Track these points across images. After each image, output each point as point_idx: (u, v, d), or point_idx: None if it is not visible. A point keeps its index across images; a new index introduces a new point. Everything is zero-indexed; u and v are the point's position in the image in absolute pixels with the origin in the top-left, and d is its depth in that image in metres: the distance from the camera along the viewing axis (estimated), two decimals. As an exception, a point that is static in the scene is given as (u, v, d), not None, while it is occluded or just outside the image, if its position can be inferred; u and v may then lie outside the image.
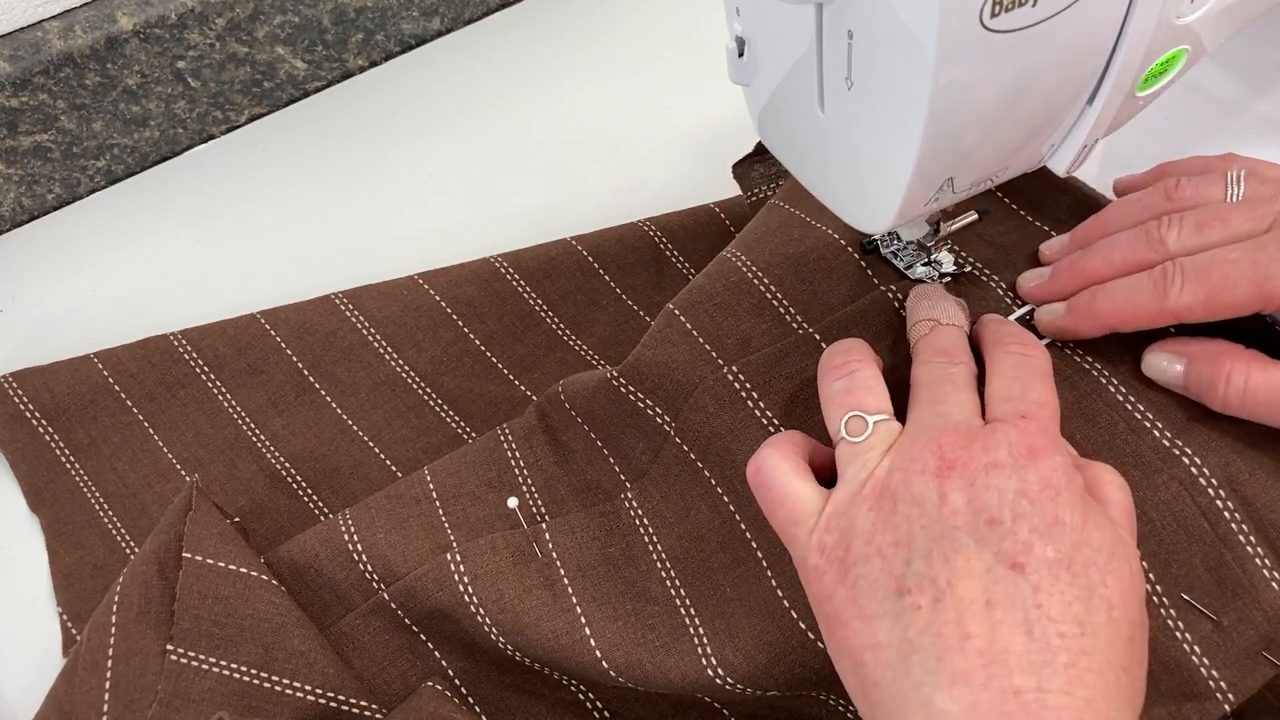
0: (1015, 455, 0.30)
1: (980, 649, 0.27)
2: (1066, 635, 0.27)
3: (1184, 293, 0.33)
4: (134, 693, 0.37)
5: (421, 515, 0.42)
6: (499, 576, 0.39)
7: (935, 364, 0.35)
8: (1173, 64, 0.33)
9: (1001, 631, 0.28)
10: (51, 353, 0.51)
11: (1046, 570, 0.28)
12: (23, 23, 0.55)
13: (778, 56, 0.34)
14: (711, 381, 0.40)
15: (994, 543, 0.29)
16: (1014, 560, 0.28)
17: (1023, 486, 0.29)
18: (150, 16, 0.56)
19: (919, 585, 0.29)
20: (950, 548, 0.29)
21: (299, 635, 0.39)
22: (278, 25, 0.60)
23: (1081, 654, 0.27)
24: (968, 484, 0.30)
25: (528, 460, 0.43)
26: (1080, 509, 0.29)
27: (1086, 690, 0.27)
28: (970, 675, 0.27)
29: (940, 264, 0.40)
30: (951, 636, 0.28)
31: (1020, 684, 0.27)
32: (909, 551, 0.30)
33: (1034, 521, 0.29)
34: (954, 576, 0.29)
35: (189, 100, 0.61)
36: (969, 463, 0.30)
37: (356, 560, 0.41)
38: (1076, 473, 0.30)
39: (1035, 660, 0.27)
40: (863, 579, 0.30)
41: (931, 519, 0.30)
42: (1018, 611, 0.28)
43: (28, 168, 0.58)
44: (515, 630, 0.38)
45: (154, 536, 0.40)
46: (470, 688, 0.40)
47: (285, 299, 0.52)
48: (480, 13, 0.68)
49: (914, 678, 0.28)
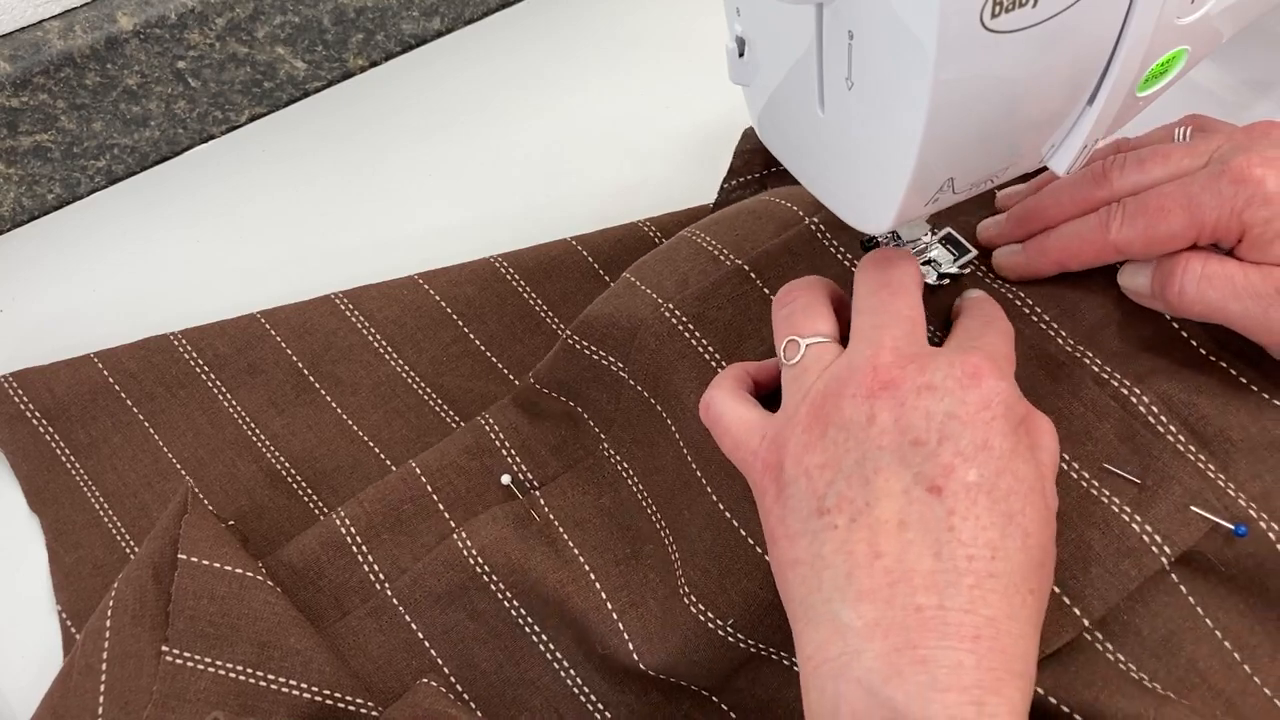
0: (954, 378, 0.30)
1: (888, 567, 0.29)
2: (975, 558, 0.28)
3: (1124, 226, 0.35)
4: (129, 695, 0.37)
5: (418, 508, 0.43)
6: (504, 542, 0.41)
7: (872, 271, 0.35)
8: (1173, 64, 0.33)
9: (910, 552, 0.28)
10: (51, 352, 0.51)
11: (964, 494, 0.29)
12: (23, 23, 0.55)
13: (778, 56, 0.34)
14: (652, 320, 0.42)
15: (915, 464, 0.29)
16: (932, 483, 0.29)
17: (954, 409, 0.30)
18: (150, 16, 0.56)
19: (838, 505, 0.30)
20: (872, 468, 0.30)
21: (295, 634, 0.39)
22: (278, 25, 0.60)
23: (988, 576, 0.28)
24: (897, 404, 0.30)
25: (508, 434, 0.45)
26: (1011, 437, 0.30)
27: (989, 609, 0.28)
28: (876, 592, 0.28)
29: (939, 264, 0.40)
30: (862, 555, 0.29)
31: (922, 601, 0.28)
32: (833, 473, 0.30)
33: (960, 444, 0.29)
34: (872, 497, 0.30)
35: (189, 100, 0.61)
36: (901, 383, 0.30)
37: (361, 561, 0.42)
38: (1019, 404, 0.31)
39: (940, 580, 0.28)
40: (791, 499, 0.31)
41: (858, 440, 0.30)
42: (929, 533, 0.29)
43: (28, 168, 0.58)
44: (525, 588, 0.40)
45: (149, 541, 0.41)
46: (466, 684, 0.40)
47: (285, 299, 0.52)
48: (480, 13, 0.68)
49: (824, 593, 0.29)
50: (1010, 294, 0.39)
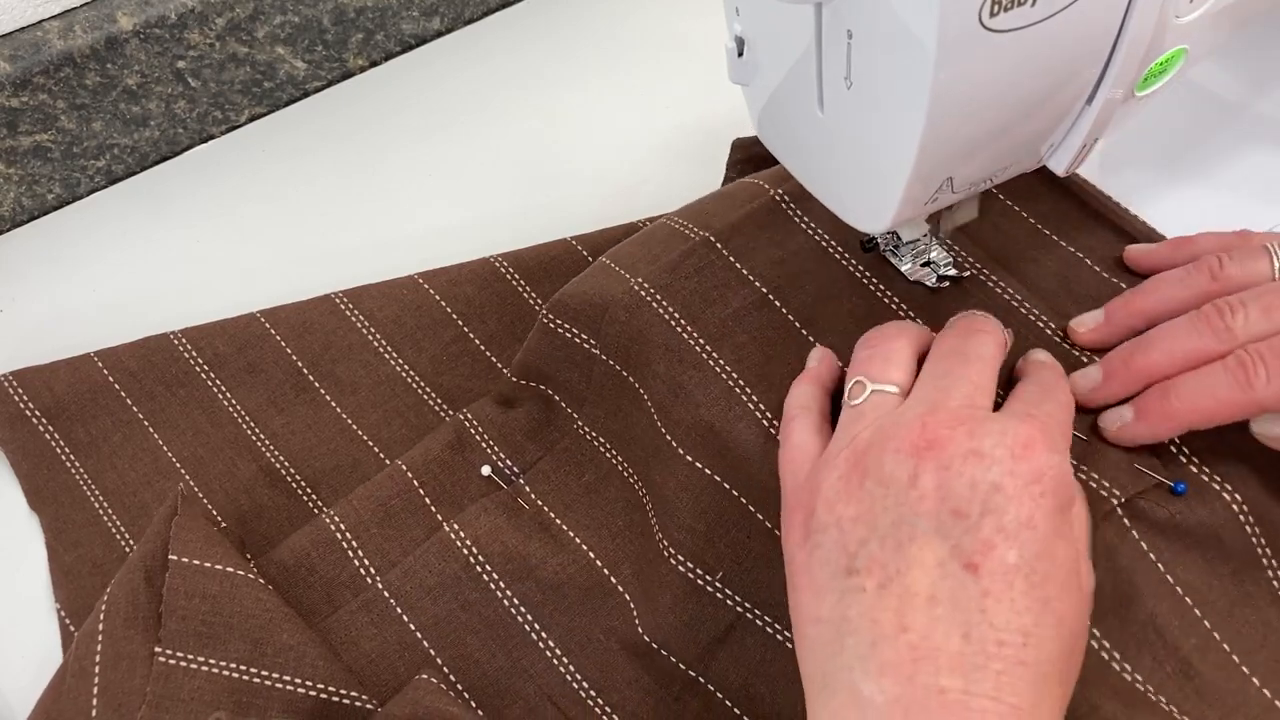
0: (1005, 446, 0.29)
1: (913, 643, 0.27)
2: (1006, 644, 0.27)
3: (1271, 382, 0.31)
4: (122, 697, 0.37)
5: (405, 503, 0.44)
6: (499, 532, 0.42)
7: (953, 337, 0.33)
8: (1173, 64, 0.33)
9: (939, 629, 0.27)
10: (51, 353, 0.51)
11: (1001, 575, 0.28)
12: (23, 23, 0.55)
13: (777, 56, 0.34)
14: (621, 294, 0.42)
15: (954, 536, 0.28)
16: (969, 559, 0.28)
17: (1001, 480, 0.28)
18: (150, 16, 0.56)
19: (868, 567, 0.29)
20: (908, 534, 0.29)
21: (288, 630, 0.39)
22: (278, 25, 0.60)
23: (1018, 664, 0.27)
24: (942, 467, 0.29)
25: (485, 426, 0.46)
26: (1056, 517, 0.29)
27: (1015, 698, 0.27)
28: (899, 668, 0.27)
29: (939, 264, 0.40)
30: (888, 625, 0.28)
31: (946, 684, 0.27)
32: (867, 530, 0.29)
33: (1003, 520, 0.28)
34: (905, 565, 0.28)
35: (189, 100, 0.61)
36: (949, 444, 0.29)
37: (351, 556, 0.42)
38: (1069, 482, 0.29)
39: (967, 663, 0.27)
40: (819, 548, 0.30)
41: (896, 500, 0.29)
42: (960, 613, 0.27)
43: (28, 168, 0.58)
44: (522, 576, 0.41)
45: (142, 544, 0.41)
46: (459, 675, 0.40)
47: (286, 299, 0.52)
48: (480, 13, 0.68)
49: (845, 660, 0.28)
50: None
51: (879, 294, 0.40)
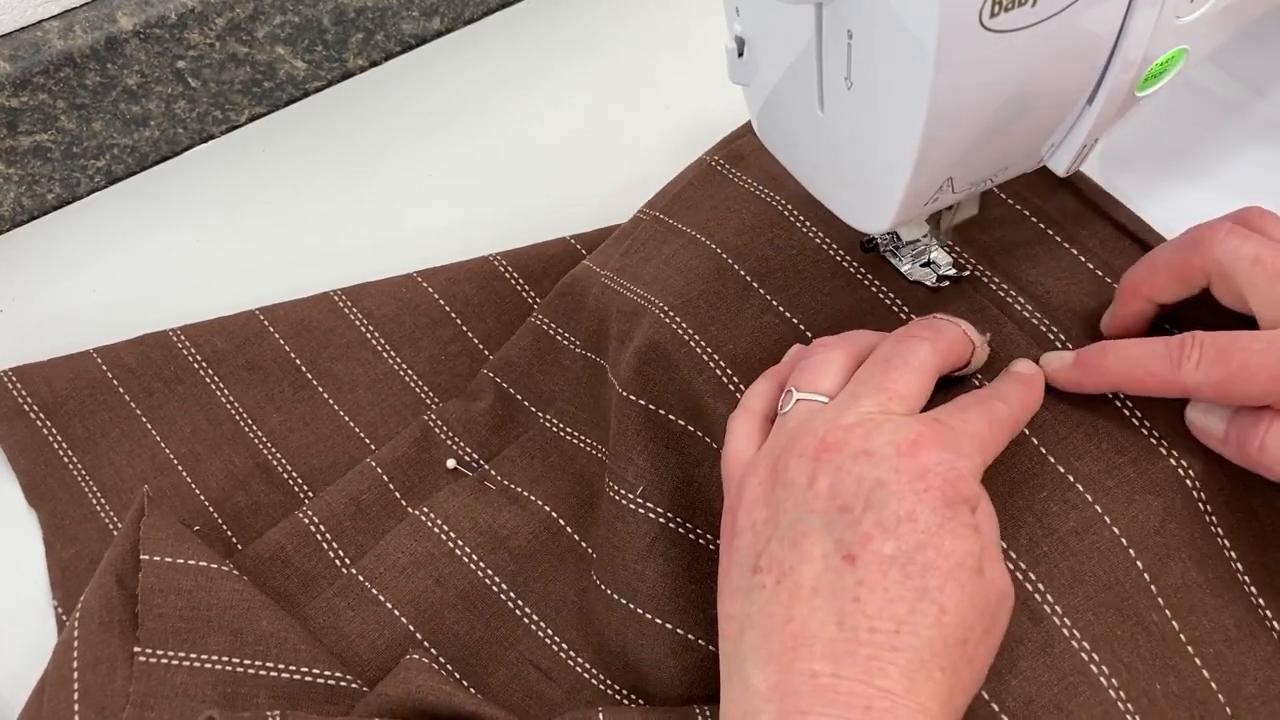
0: (894, 444, 0.30)
1: (795, 633, 0.29)
2: (879, 630, 0.28)
3: (1199, 370, 0.32)
4: (105, 699, 0.37)
5: (376, 497, 0.45)
6: (468, 510, 0.43)
7: (889, 343, 0.34)
8: (1173, 64, 0.33)
9: (816, 619, 0.29)
10: (51, 352, 0.51)
11: (876, 565, 0.29)
12: (23, 23, 0.55)
13: (777, 56, 0.34)
14: (591, 284, 0.46)
15: (838, 531, 0.29)
16: (849, 551, 0.29)
17: (885, 477, 0.29)
18: (150, 16, 0.56)
19: (769, 565, 0.30)
20: (801, 531, 0.30)
21: (266, 617, 0.39)
22: (278, 25, 0.60)
23: (890, 649, 0.28)
24: (835, 468, 0.30)
25: (449, 423, 0.47)
26: (944, 511, 0.29)
27: (886, 682, 0.28)
28: (782, 655, 0.29)
29: (939, 264, 0.40)
30: (779, 618, 0.29)
31: (819, 669, 0.28)
32: (771, 530, 0.31)
33: (882, 514, 0.29)
34: (797, 560, 0.30)
35: (189, 100, 0.61)
36: (843, 447, 0.30)
37: (325, 548, 0.43)
38: (963, 482, 0.30)
39: (838, 649, 0.28)
40: (736, 551, 0.32)
41: (795, 501, 0.30)
42: (835, 601, 0.29)
43: (28, 168, 0.58)
44: (495, 546, 0.42)
45: (110, 549, 0.41)
46: (440, 648, 0.41)
47: (286, 299, 0.52)
48: (480, 13, 0.68)
49: (743, 651, 0.30)
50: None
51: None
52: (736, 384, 0.39)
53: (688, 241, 0.44)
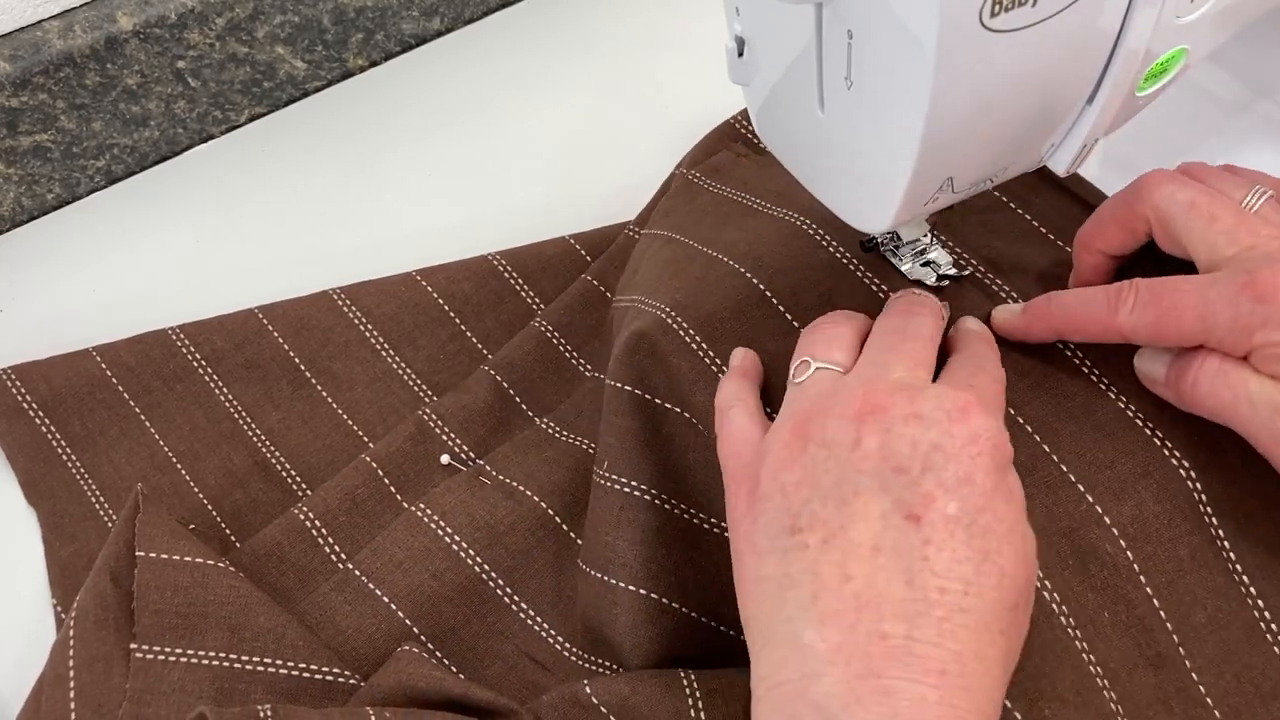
0: (944, 410, 0.30)
1: (857, 591, 0.28)
2: (948, 590, 0.28)
3: (1133, 313, 0.33)
4: (101, 697, 0.37)
5: (371, 492, 0.45)
6: (464, 505, 0.43)
7: (893, 316, 0.35)
8: (1173, 64, 0.33)
9: (881, 577, 0.28)
10: (51, 352, 0.51)
11: (942, 525, 0.28)
12: (23, 23, 0.55)
13: (777, 56, 0.34)
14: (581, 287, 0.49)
15: (896, 490, 0.29)
16: (911, 510, 0.29)
17: (941, 441, 0.29)
18: (150, 16, 0.56)
19: (810, 525, 0.29)
20: (851, 490, 0.29)
21: (264, 613, 0.39)
22: (278, 25, 0.60)
23: (959, 611, 0.28)
24: (883, 430, 0.30)
25: (445, 419, 0.47)
26: (995, 475, 0.30)
27: (957, 644, 0.27)
28: (842, 615, 0.28)
29: (939, 264, 0.40)
30: (830, 577, 0.28)
31: (889, 629, 0.27)
32: (809, 491, 0.30)
33: (943, 476, 0.29)
34: (848, 519, 0.29)
35: (189, 100, 0.61)
36: (890, 409, 0.30)
37: (321, 543, 0.43)
38: (1006, 446, 0.31)
39: (910, 609, 0.28)
40: (763, 515, 0.31)
41: (838, 460, 0.30)
42: (902, 560, 0.28)
43: (28, 168, 0.58)
44: (492, 541, 0.42)
45: (105, 548, 0.41)
46: (437, 642, 0.41)
47: (285, 299, 0.52)
48: (480, 13, 0.68)
49: (786, 612, 0.29)
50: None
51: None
52: (714, 359, 0.40)
53: (665, 241, 0.45)
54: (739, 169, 0.51)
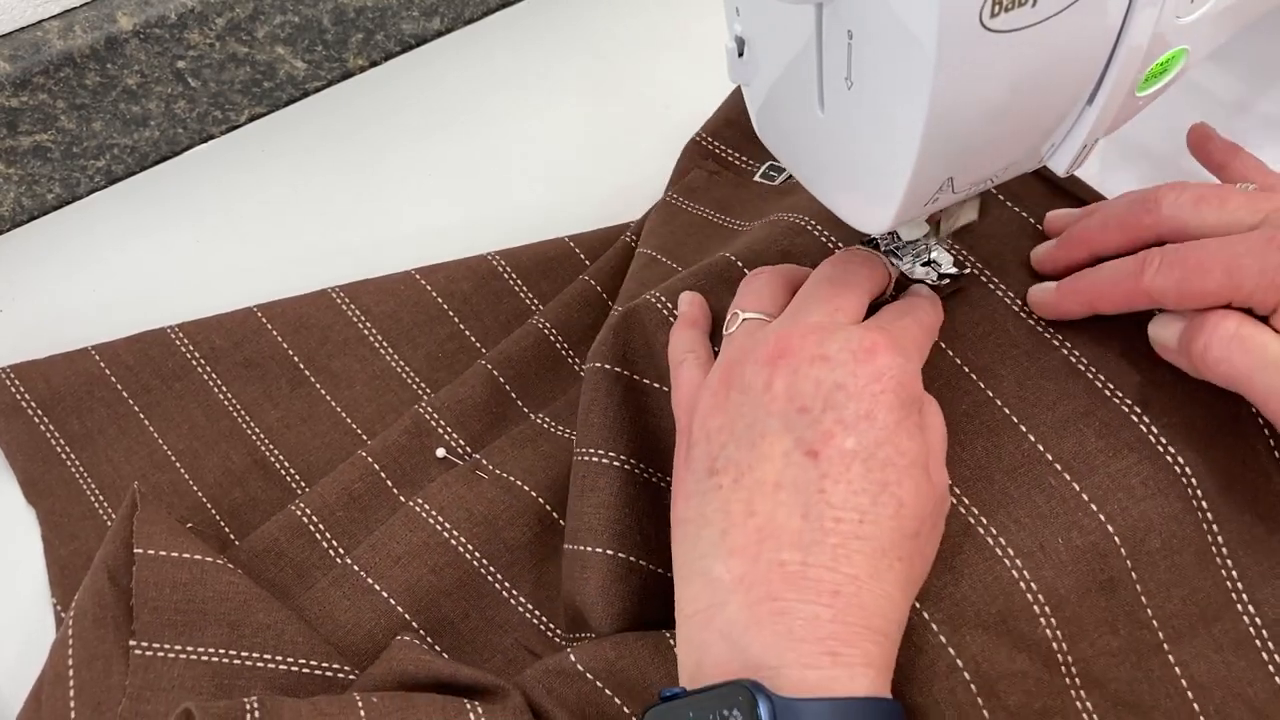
0: (849, 350, 0.31)
1: (759, 525, 0.30)
2: (843, 520, 0.29)
3: (1159, 275, 0.33)
4: (101, 694, 0.37)
5: (367, 486, 0.45)
6: (461, 500, 0.43)
7: (826, 267, 0.36)
8: (1173, 64, 0.33)
9: (781, 511, 0.30)
10: (50, 352, 0.51)
11: (839, 459, 0.30)
12: (23, 23, 0.55)
13: (777, 56, 0.34)
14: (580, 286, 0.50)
15: (798, 429, 0.31)
16: (810, 447, 0.30)
17: (844, 380, 0.31)
18: (150, 16, 0.56)
19: (725, 467, 0.31)
20: (759, 432, 0.31)
21: (263, 609, 0.39)
22: (278, 25, 0.60)
23: (854, 538, 0.29)
24: (791, 371, 0.31)
25: (442, 413, 0.47)
26: (898, 412, 0.31)
27: (852, 568, 0.29)
28: (746, 548, 0.30)
29: (939, 264, 0.40)
30: (739, 514, 0.30)
31: (786, 558, 0.29)
32: (728, 435, 0.32)
33: (843, 413, 0.30)
34: (756, 459, 0.31)
35: (189, 100, 0.61)
36: (798, 351, 0.32)
37: (319, 539, 0.43)
38: (913, 383, 0.32)
39: (806, 539, 0.29)
40: (692, 460, 0.33)
41: (752, 404, 0.32)
42: (800, 494, 0.30)
43: (28, 168, 0.58)
44: (490, 537, 0.42)
45: (102, 547, 0.41)
46: (436, 636, 0.41)
47: (284, 298, 0.52)
48: (480, 13, 0.68)
49: (700, 549, 0.31)
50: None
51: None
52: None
53: (650, 260, 0.46)
54: (714, 187, 0.52)
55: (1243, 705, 0.34)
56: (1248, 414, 0.35)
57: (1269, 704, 0.34)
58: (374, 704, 0.35)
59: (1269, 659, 0.34)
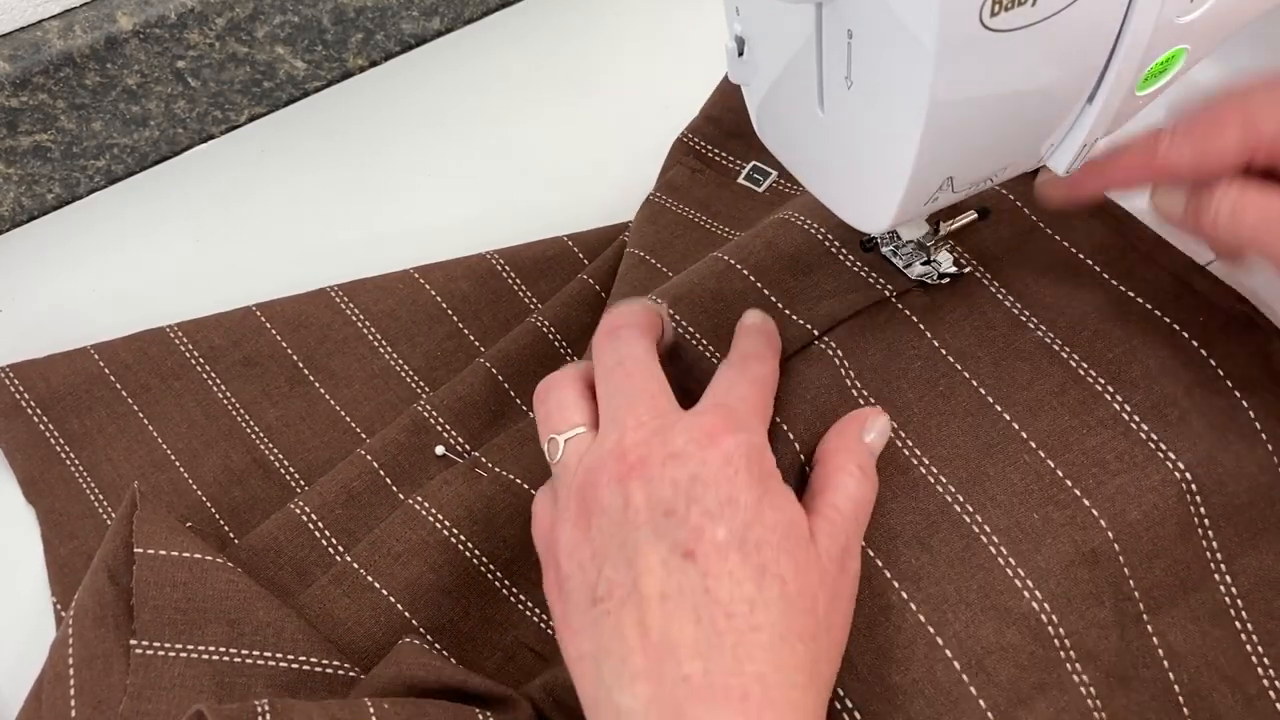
0: (695, 441, 0.30)
1: (655, 643, 0.28)
2: (735, 615, 0.28)
3: (1173, 144, 0.32)
4: (101, 694, 0.37)
5: (366, 484, 0.45)
6: (461, 498, 0.43)
7: (605, 349, 0.35)
8: (1172, 63, 0.33)
9: (673, 623, 0.28)
10: (50, 352, 0.51)
11: (715, 553, 0.29)
12: (23, 23, 0.55)
13: (777, 56, 0.34)
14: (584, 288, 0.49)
15: (669, 533, 0.30)
16: (686, 548, 0.29)
17: (698, 471, 0.30)
18: (150, 16, 0.56)
19: (608, 591, 0.30)
20: (633, 548, 0.30)
21: (263, 607, 0.39)
22: (278, 25, 0.60)
23: (750, 631, 0.28)
24: (647, 480, 0.30)
25: (441, 411, 0.47)
26: (757, 488, 0.30)
27: (755, 665, 0.28)
28: (649, 672, 0.28)
29: (939, 264, 0.40)
30: (633, 636, 0.29)
31: (689, 670, 0.28)
32: (601, 560, 0.30)
33: (706, 504, 0.30)
34: (636, 575, 0.29)
35: (189, 100, 0.61)
36: (649, 459, 0.31)
37: (319, 536, 0.43)
38: (763, 454, 0.31)
39: (703, 646, 0.28)
40: (569, 594, 0.31)
41: (617, 524, 0.30)
42: (687, 600, 0.29)
43: (28, 168, 0.58)
44: (489, 535, 0.42)
45: (102, 546, 0.41)
46: (436, 634, 0.41)
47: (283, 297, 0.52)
48: (480, 13, 0.68)
49: (605, 681, 0.29)
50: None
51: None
52: (714, 353, 0.40)
53: (638, 261, 0.46)
54: (696, 187, 0.53)
55: (1215, 674, 0.34)
56: (1224, 386, 0.35)
57: (1241, 672, 0.34)
58: (385, 710, 0.34)
59: (1241, 629, 0.34)
